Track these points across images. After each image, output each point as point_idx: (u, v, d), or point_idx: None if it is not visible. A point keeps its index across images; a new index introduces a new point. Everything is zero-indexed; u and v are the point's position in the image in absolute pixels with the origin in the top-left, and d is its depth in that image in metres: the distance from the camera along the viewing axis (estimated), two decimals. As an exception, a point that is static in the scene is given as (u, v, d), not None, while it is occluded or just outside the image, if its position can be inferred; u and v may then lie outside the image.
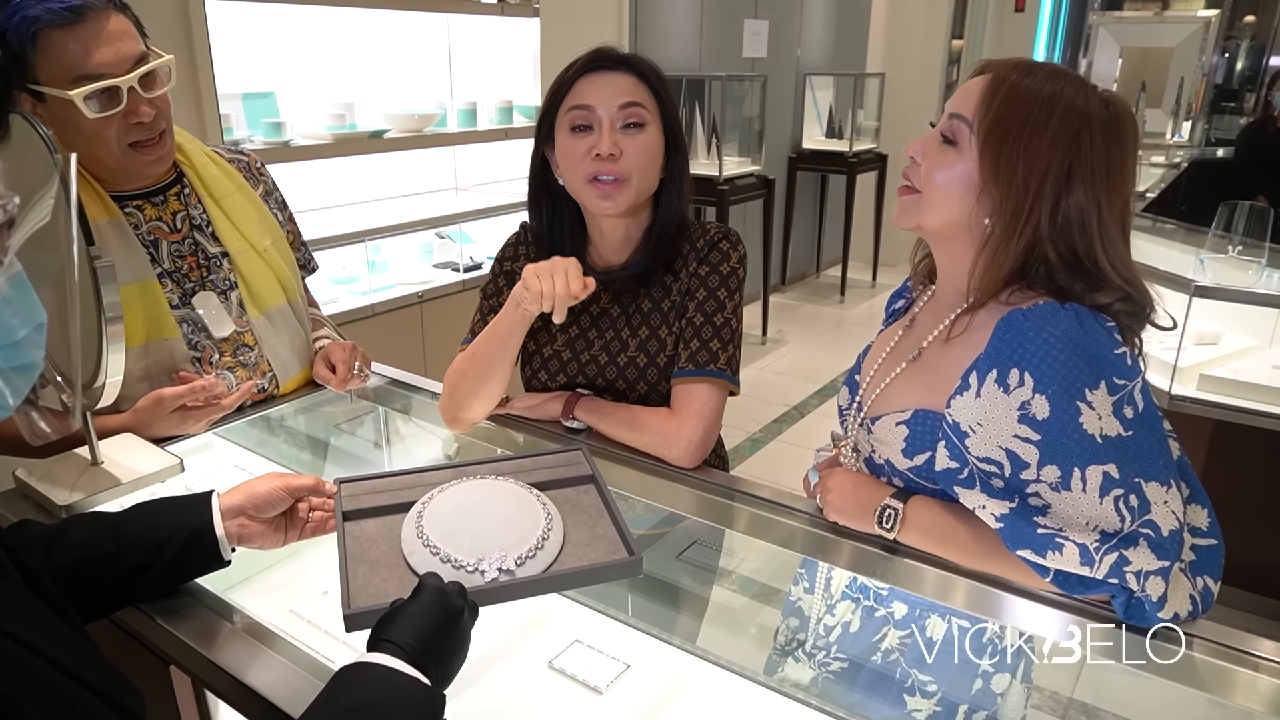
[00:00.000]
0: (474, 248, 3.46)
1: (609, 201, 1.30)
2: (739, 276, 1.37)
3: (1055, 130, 0.96)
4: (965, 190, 1.01)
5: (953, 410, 1.00)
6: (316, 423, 1.63)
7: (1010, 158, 0.97)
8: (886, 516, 1.08)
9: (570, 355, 1.42)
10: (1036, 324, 0.95)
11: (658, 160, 1.32)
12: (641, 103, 1.29)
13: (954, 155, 1.01)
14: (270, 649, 0.93)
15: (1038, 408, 0.93)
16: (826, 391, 4.51)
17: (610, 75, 1.29)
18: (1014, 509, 0.95)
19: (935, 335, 1.10)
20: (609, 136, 1.27)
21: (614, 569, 0.97)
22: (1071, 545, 0.92)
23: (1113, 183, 0.98)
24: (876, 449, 1.13)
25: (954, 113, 1.02)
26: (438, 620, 0.80)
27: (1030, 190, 0.96)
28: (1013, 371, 0.95)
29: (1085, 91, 0.99)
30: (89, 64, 1.23)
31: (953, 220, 1.03)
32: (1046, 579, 0.97)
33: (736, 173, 4.74)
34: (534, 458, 1.14)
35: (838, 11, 6.24)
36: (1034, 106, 0.97)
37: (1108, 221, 0.98)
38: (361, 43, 3.12)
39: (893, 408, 1.11)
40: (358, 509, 1.02)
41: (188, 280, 1.45)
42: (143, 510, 1.01)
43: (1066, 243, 0.98)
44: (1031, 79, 0.98)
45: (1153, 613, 0.92)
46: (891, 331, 1.22)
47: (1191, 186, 4.68)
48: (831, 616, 1.19)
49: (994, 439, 0.96)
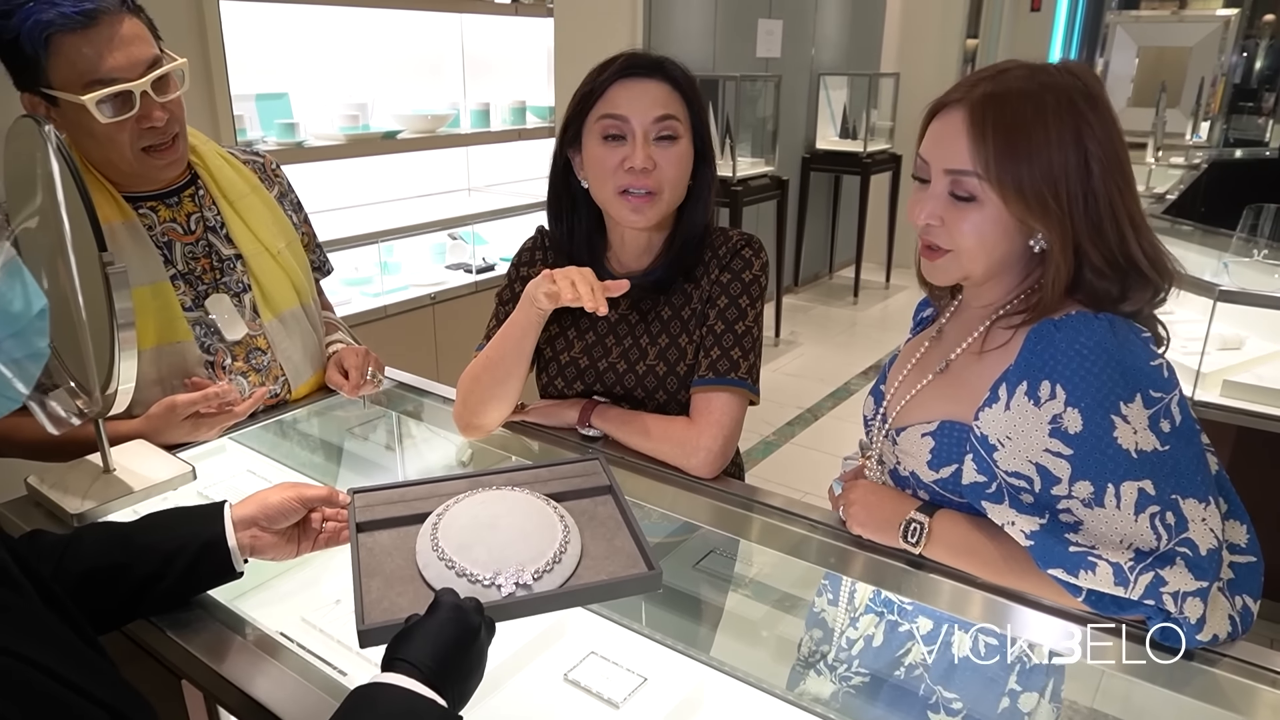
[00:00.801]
0: (487, 249, 3.44)
1: (639, 215, 1.27)
2: (761, 284, 1.35)
3: (1053, 126, 0.92)
4: (1004, 232, 0.96)
5: (981, 423, 0.98)
6: (329, 427, 1.62)
7: (1033, 182, 0.92)
8: (912, 531, 1.05)
9: (588, 362, 1.40)
10: (1069, 334, 0.92)
11: (688, 172, 1.30)
12: (676, 115, 1.26)
13: (975, 208, 0.96)
14: (282, 664, 0.92)
15: (1070, 421, 0.90)
16: (839, 394, 4.48)
17: (645, 83, 1.26)
18: (1044, 525, 0.93)
19: (964, 347, 1.07)
20: (643, 149, 1.24)
21: (633, 584, 0.95)
22: (1105, 564, 0.89)
23: (1118, 152, 0.94)
24: (901, 460, 1.10)
25: (950, 169, 0.96)
26: (454, 639, 0.78)
27: (1063, 197, 0.93)
28: (1044, 384, 0.92)
29: (1050, 73, 0.95)
30: (102, 68, 1.22)
31: (998, 261, 1.00)
32: (1079, 599, 0.94)
33: (750, 173, 4.72)
34: (550, 468, 1.12)
35: (852, 11, 6.20)
36: (1023, 117, 0.92)
37: (1129, 199, 0.94)
38: (375, 43, 3.11)
39: (918, 419, 1.08)
40: (371, 520, 1.01)
41: (201, 282, 1.44)
42: (154, 520, 1.00)
43: (1103, 237, 0.94)
44: (1001, 86, 0.94)
45: (1190, 635, 0.89)
46: (918, 342, 1.19)
47: (1211, 188, 4.62)
48: (854, 630, 1.17)
49: (1024, 453, 0.94)
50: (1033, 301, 1.00)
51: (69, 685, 0.64)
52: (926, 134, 1.01)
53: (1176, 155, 5.13)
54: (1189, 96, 6.45)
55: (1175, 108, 6.28)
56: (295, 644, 1.06)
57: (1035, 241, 0.97)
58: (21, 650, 0.63)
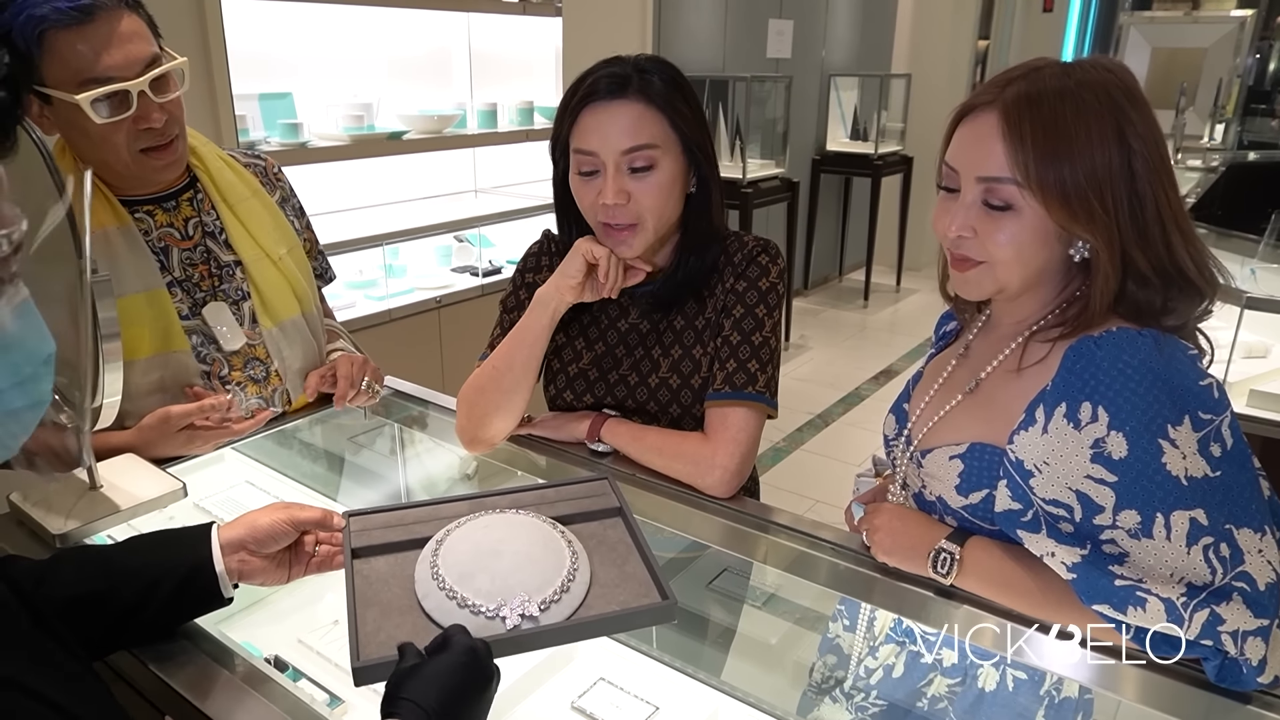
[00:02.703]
0: (493, 251, 3.40)
1: (624, 247, 1.24)
2: (779, 292, 1.29)
3: (1094, 125, 0.86)
4: (1043, 242, 0.91)
5: (1016, 447, 0.92)
6: (330, 437, 1.58)
7: (1077, 186, 0.86)
8: (942, 561, 0.99)
9: (598, 374, 1.35)
10: (1111, 352, 0.86)
11: (674, 194, 1.23)
12: (648, 142, 1.17)
13: (1012, 217, 0.90)
14: (269, 700, 0.86)
15: (1114, 446, 0.84)
16: (850, 400, 4.43)
17: (613, 109, 1.17)
18: (1086, 557, 0.87)
19: (996, 365, 1.02)
20: (614, 184, 1.18)
21: (645, 615, 0.91)
22: (1155, 600, 0.83)
23: (1161, 151, 0.88)
24: (927, 484, 1.04)
25: (983, 176, 0.90)
26: (465, 685, 0.73)
27: (1108, 200, 0.87)
28: (1084, 405, 0.86)
29: (1086, 69, 0.89)
30: (98, 67, 1.18)
31: (1036, 272, 0.94)
32: (1126, 637, 0.87)
33: (760, 175, 4.68)
34: (557, 488, 1.07)
35: (863, 12, 6.15)
36: (1062, 117, 0.86)
37: (1174, 201, 0.88)
38: (380, 42, 3.08)
39: (946, 440, 1.02)
40: (368, 545, 0.96)
41: (199, 289, 1.40)
42: (137, 544, 0.95)
43: (1149, 243, 0.88)
44: (1035, 85, 0.88)
45: (1251, 677, 0.83)
46: (944, 359, 1.13)
47: (1228, 191, 4.56)
48: (874, 659, 1.12)
49: (1063, 479, 0.88)
50: (1071, 314, 0.94)
51: (56, 710, 0.61)
52: (954, 139, 0.95)
53: (1194, 158, 5.07)
54: (1204, 98, 6.39)
55: (1190, 110, 6.22)
56: (288, 675, 1.02)
57: (1076, 250, 0.91)
58: (13, 675, 0.59)
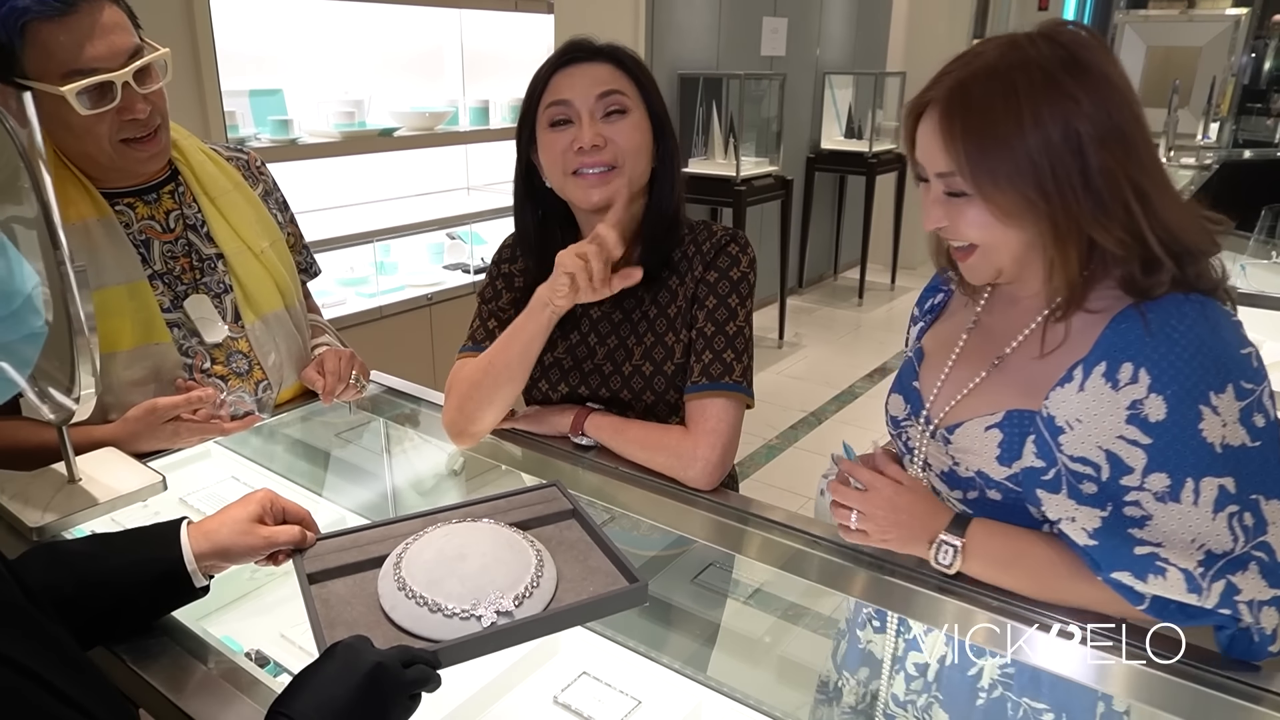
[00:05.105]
0: (485, 249, 3.39)
1: (598, 190, 1.23)
2: (749, 282, 1.29)
3: (1025, 108, 0.84)
4: (1004, 228, 0.90)
5: (1050, 403, 0.90)
6: (316, 433, 1.57)
7: (1009, 183, 0.86)
8: (944, 552, 0.97)
9: (572, 363, 1.35)
10: (1159, 316, 0.84)
11: (647, 146, 1.26)
12: (621, 90, 1.23)
13: (974, 203, 0.90)
14: (250, 697, 0.85)
15: (1151, 408, 0.83)
16: (844, 398, 4.43)
17: (586, 66, 1.24)
18: (1106, 520, 0.86)
19: (1019, 342, 0.99)
20: (590, 128, 1.21)
21: (618, 599, 0.92)
22: (1175, 571, 0.83)
23: (1114, 119, 0.85)
24: (961, 460, 1.01)
25: (938, 172, 0.92)
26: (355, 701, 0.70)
27: (1049, 185, 0.85)
28: (1125, 366, 0.85)
29: (1022, 46, 0.87)
30: (81, 58, 1.17)
31: (1019, 251, 0.93)
32: (1140, 606, 0.87)
33: (754, 173, 4.66)
34: (508, 498, 1.08)
35: (858, 9, 6.15)
36: (989, 107, 0.86)
37: (1131, 170, 0.85)
38: (371, 38, 3.07)
39: (978, 412, 0.99)
40: (323, 569, 0.95)
41: (180, 282, 1.39)
42: (107, 546, 0.93)
43: (1110, 217, 0.86)
44: (968, 72, 0.88)
45: (1263, 647, 0.83)
46: (949, 333, 1.10)
47: (1221, 189, 4.56)
48: (862, 652, 1.11)
49: (1093, 438, 0.86)
50: (1050, 297, 0.93)
51: (53, 692, 0.60)
52: (915, 138, 0.95)
53: (1187, 156, 5.07)
54: (1199, 97, 6.40)
55: (1185, 108, 6.23)
56: (272, 663, 1.01)
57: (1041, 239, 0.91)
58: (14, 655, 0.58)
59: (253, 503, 0.96)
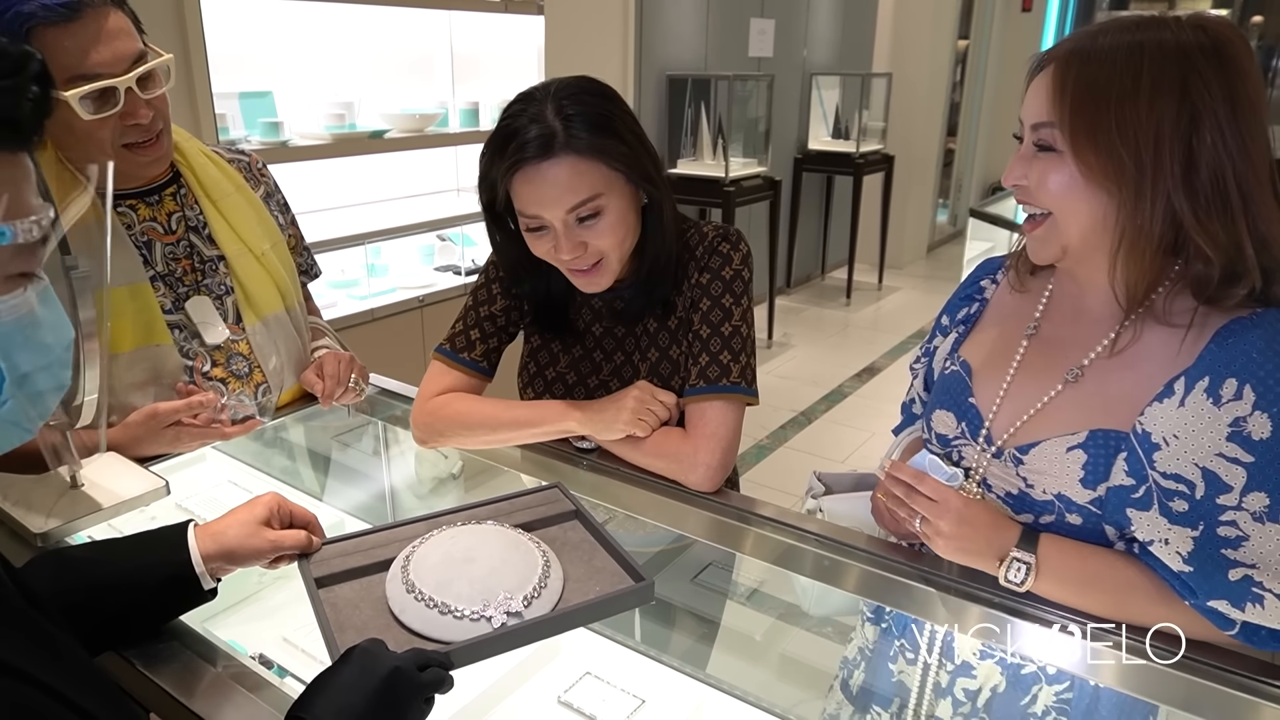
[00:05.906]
0: (476, 250, 3.40)
1: (593, 284, 1.22)
2: (744, 279, 1.27)
3: (1151, 85, 0.81)
4: (1085, 194, 0.87)
5: (1145, 419, 0.87)
6: (314, 436, 1.57)
7: (1107, 141, 0.83)
8: (1015, 569, 0.92)
9: (576, 378, 1.35)
10: (1266, 332, 0.82)
11: (629, 223, 1.19)
12: (589, 195, 1.12)
13: (1057, 159, 0.88)
14: (257, 698, 0.86)
15: (1255, 426, 0.81)
16: (833, 397, 4.45)
17: (544, 169, 1.11)
18: (1197, 541, 0.84)
19: (1098, 352, 0.95)
20: (567, 240, 1.14)
21: (626, 598, 0.92)
22: (1273, 599, 0.81)
23: (1244, 120, 0.82)
24: (1036, 483, 0.95)
25: (1034, 123, 0.89)
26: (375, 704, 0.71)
27: (1146, 167, 0.83)
28: (1228, 382, 0.82)
29: (1170, 26, 0.84)
30: (85, 63, 1.17)
31: (1090, 227, 0.89)
32: (1230, 632, 0.85)
33: (742, 174, 4.68)
34: (510, 500, 1.09)
35: (844, 11, 6.18)
36: (1115, 71, 0.83)
37: (1239, 172, 0.82)
38: (361, 40, 3.06)
39: (1055, 432, 0.94)
40: (329, 574, 0.95)
41: (181, 284, 1.39)
42: (114, 551, 0.93)
43: (1207, 211, 0.82)
44: (1101, 41, 0.85)
45: None
46: (1000, 345, 1.05)
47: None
48: (864, 651, 1.13)
49: (1191, 455, 0.84)
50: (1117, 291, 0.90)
51: (55, 697, 0.60)
52: (1028, 93, 0.93)
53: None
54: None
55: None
56: (276, 666, 1.01)
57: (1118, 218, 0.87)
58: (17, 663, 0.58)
59: (260, 505, 0.96)
